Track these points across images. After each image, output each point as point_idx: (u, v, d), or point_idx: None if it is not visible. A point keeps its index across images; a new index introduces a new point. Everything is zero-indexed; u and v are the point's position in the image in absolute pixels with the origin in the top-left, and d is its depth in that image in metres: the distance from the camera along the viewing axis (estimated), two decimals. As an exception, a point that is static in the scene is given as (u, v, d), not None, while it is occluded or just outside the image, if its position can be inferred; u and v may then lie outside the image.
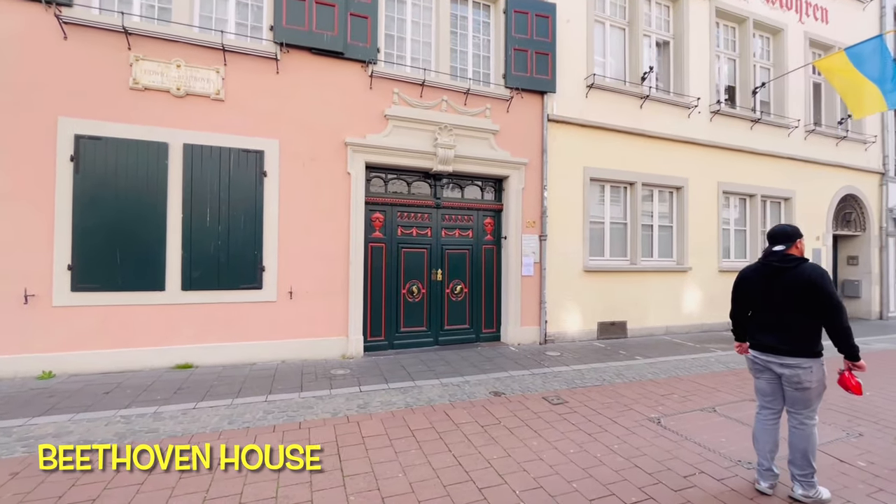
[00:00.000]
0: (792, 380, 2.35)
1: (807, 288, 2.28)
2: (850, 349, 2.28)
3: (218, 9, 5.08)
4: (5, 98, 4.15)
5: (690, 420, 3.55)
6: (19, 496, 2.29)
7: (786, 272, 2.38)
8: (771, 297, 2.43)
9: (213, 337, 4.81)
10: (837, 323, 2.25)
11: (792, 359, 2.34)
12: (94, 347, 4.39)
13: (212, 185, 4.81)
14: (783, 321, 2.38)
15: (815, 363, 2.31)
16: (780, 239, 2.48)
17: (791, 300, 2.34)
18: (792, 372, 2.34)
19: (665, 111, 7.44)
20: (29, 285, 4.20)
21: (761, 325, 2.50)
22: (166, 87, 4.64)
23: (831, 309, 2.24)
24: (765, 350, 2.47)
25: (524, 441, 3.09)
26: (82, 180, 4.37)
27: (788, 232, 2.49)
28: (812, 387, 2.32)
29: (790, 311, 2.35)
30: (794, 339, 2.35)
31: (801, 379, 2.32)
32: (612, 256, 7.16)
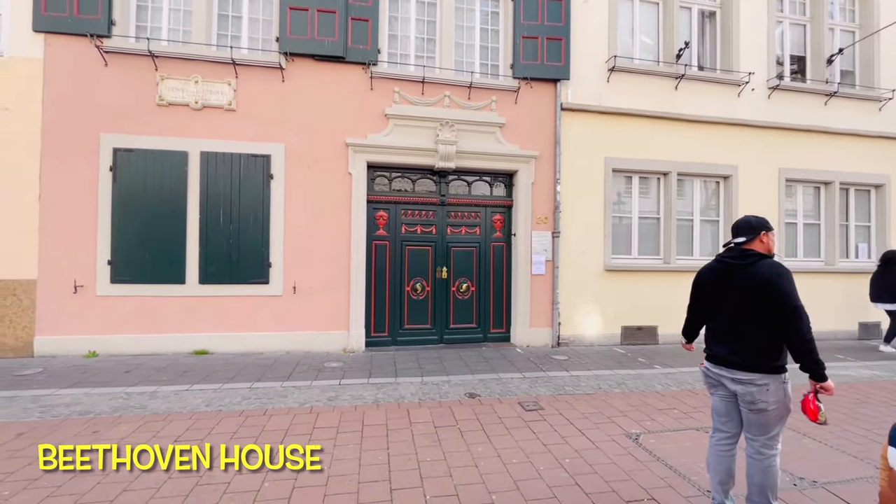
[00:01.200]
0: (745, 398, 1.99)
1: (761, 289, 1.92)
2: (814, 365, 1.87)
3: (233, 27, 5.54)
4: (57, 119, 4.93)
5: (676, 439, 3.13)
6: (11, 452, 2.72)
7: (740, 270, 2.03)
8: (723, 299, 2.10)
9: (227, 327, 5.27)
10: (795, 332, 1.86)
11: (745, 373, 1.97)
12: (128, 332, 5.05)
13: (224, 188, 5.26)
14: (737, 329, 2.03)
15: (773, 380, 1.93)
16: (742, 230, 2.13)
17: (746, 303, 1.98)
18: (745, 389, 1.98)
19: (707, 91, 6.59)
20: (78, 277, 4.95)
21: (714, 333, 2.17)
22: (186, 101, 5.18)
23: (788, 314, 1.86)
24: (717, 362, 2.12)
25: (470, 446, 2.95)
26: (118, 187, 5.05)
27: (752, 223, 2.12)
28: (769, 409, 1.94)
29: (744, 316, 1.99)
30: (747, 349, 1.98)
31: (755, 398, 1.95)
32: (641, 255, 6.53)
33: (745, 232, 2.11)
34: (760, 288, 1.93)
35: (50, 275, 4.91)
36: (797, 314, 1.85)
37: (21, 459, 2.64)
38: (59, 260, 4.93)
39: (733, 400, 2.09)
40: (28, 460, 2.61)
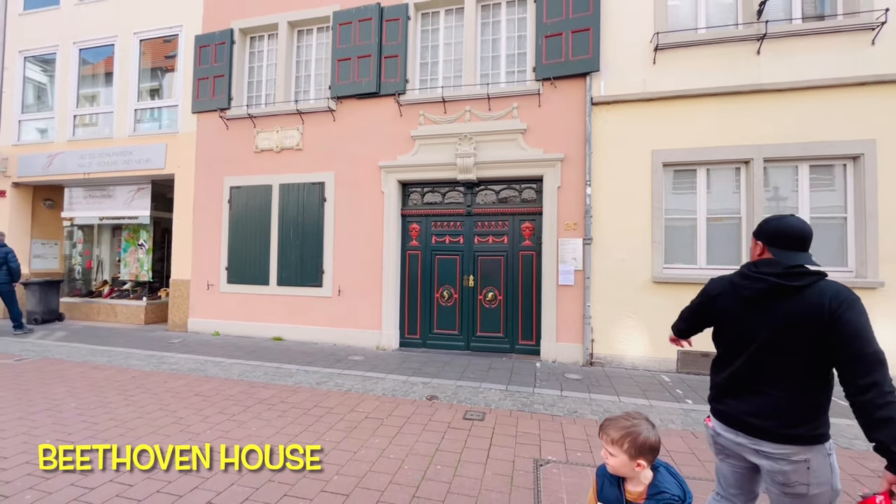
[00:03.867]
0: (777, 479, 1.42)
1: (825, 322, 1.33)
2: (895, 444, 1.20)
3: (304, 84, 7.05)
4: (203, 169, 7.21)
5: (593, 475, 2.72)
6: (145, 386, 4.34)
7: (789, 295, 1.41)
8: (753, 334, 1.47)
9: (294, 320, 6.66)
10: (873, 386, 1.24)
11: (776, 446, 1.40)
12: (235, 320, 6.93)
13: (294, 211, 6.72)
14: (768, 379, 1.45)
15: (815, 454, 1.38)
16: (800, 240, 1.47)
17: (793, 344, 1.39)
18: (776, 466, 1.41)
19: (813, 47, 4.98)
20: (210, 279, 7.10)
21: (731, 381, 1.54)
22: (271, 147, 6.86)
23: (865, 360, 1.27)
24: (733, 424, 1.52)
25: (351, 435, 3.23)
26: (232, 215, 7.03)
27: (809, 233, 1.49)
28: (811, 493, 1.38)
29: (787, 363, 1.41)
30: (784, 412, 1.40)
31: (789, 479, 1.39)
32: (711, 264, 5.31)
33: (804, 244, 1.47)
34: (822, 323, 1.34)
35: (197, 276, 7.19)
36: (878, 364, 1.26)
37: (154, 391, 4.20)
38: (201, 266, 7.17)
39: (749, 472, 1.55)
40: (155, 395, 4.15)
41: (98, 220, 8.47)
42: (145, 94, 7.94)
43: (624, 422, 1.35)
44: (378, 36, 6.32)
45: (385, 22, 6.34)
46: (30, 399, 3.90)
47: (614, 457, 1.33)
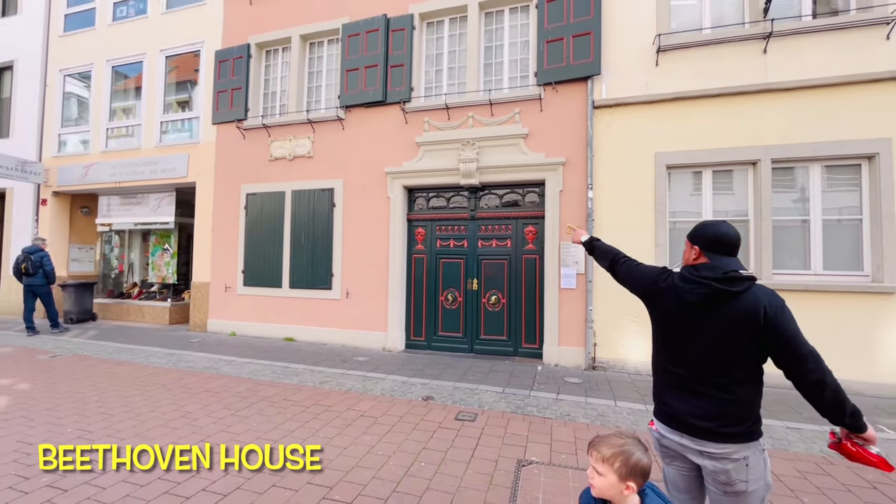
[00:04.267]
0: (718, 478, 1.46)
1: (762, 326, 1.39)
2: (851, 419, 1.35)
3: (317, 94, 7.32)
4: (221, 177, 7.58)
5: (574, 477, 2.75)
6: (163, 382, 4.64)
7: (729, 300, 1.45)
8: (695, 337, 1.51)
9: (305, 321, 6.90)
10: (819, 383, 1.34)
11: (719, 445, 1.44)
12: (251, 321, 7.24)
13: (305, 216, 6.98)
14: (710, 380, 1.48)
15: (752, 451, 1.43)
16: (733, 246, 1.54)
17: (732, 347, 1.44)
18: (719, 466, 1.45)
19: (823, 45, 4.83)
20: (227, 281, 7.44)
21: (675, 381, 1.57)
22: (284, 155, 7.16)
23: (806, 360, 1.36)
24: (677, 426, 1.54)
25: (344, 432, 3.37)
26: (248, 220, 7.36)
27: (738, 238, 1.56)
28: (749, 489, 1.44)
29: (725, 364, 1.45)
30: (726, 412, 1.45)
31: (731, 478, 1.43)
32: (718, 267, 5.19)
33: (735, 249, 1.54)
34: (758, 326, 1.39)
35: (215, 279, 7.55)
36: (816, 361, 1.35)
37: (169, 387, 4.50)
38: (219, 269, 7.53)
39: (697, 473, 1.56)
40: (169, 390, 4.44)
41: (133, 225, 9.03)
42: (171, 108, 8.42)
43: (616, 440, 1.26)
44: (384, 46, 6.51)
45: (391, 32, 6.53)
46: (57, 392, 4.24)
47: (602, 476, 1.23)
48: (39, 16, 9.39)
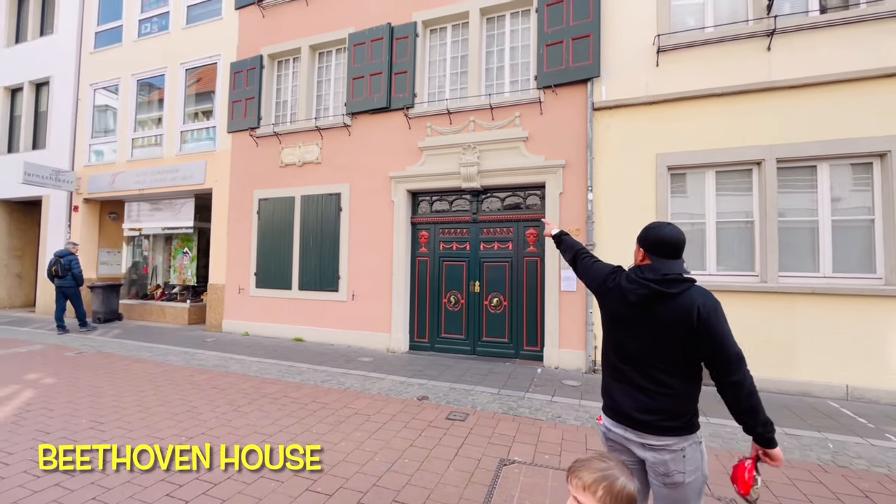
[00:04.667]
0: (658, 469, 1.51)
1: (694, 327, 1.43)
2: (761, 428, 1.40)
3: (325, 102, 7.55)
4: (236, 183, 7.90)
5: (553, 477, 2.79)
6: (173, 377, 4.91)
7: (667, 301, 1.50)
8: (638, 336, 1.56)
9: (313, 322, 7.10)
10: (735, 384, 1.39)
11: (659, 438, 1.49)
12: (262, 321, 7.50)
13: (313, 220, 7.20)
14: (651, 376, 1.53)
15: (689, 444, 1.49)
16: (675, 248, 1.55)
17: (668, 345, 1.49)
18: (658, 457, 1.50)
19: (830, 39, 4.69)
20: (241, 284, 7.74)
21: (620, 379, 1.62)
22: (294, 161, 7.41)
23: (730, 361, 1.41)
24: (621, 419, 1.59)
25: (336, 428, 3.48)
26: (260, 224, 7.64)
27: (683, 242, 1.57)
28: (686, 480, 1.48)
29: (663, 361, 1.51)
30: (664, 406, 1.50)
31: (669, 469, 1.49)
32: (722, 270, 5.10)
33: (678, 252, 1.56)
34: (692, 326, 1.44)
35: (230, 281, 7.87)
36: (739, 363, 1.41)
37: (179, 383, 4.76)
38: (234, 272, 7.84)
39: (641, 468, 1.58)
40: (178, 387, 4.70)
41: (157, 229, 9.50)
42: (193, 117, 8.83)
43: (598, 463, 1.11)
44: (389, 54, 6.68)
45: (395, 40, 6.69)
46: (78, 386, 4.53)
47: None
48: (72, 34, 10.03)
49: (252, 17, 8.00)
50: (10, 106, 11.02)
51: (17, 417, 3.65)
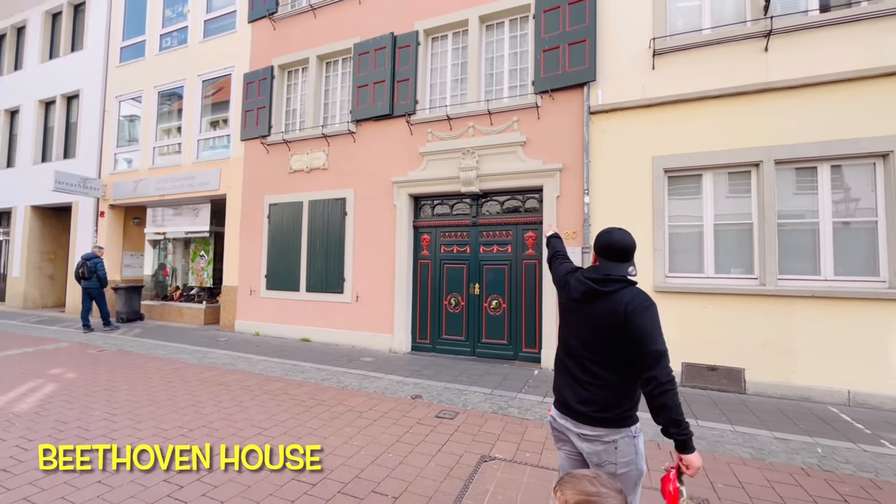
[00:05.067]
0: (592, 459, 1.60)
1: (621, 323, 1.51)
2: (675, 428, 1.42)
3: (332, 110, 7.80)
4: (248, 189, 8.23)
5: (530, 474, 2.87)
6: (184, 374, 5.19)
7: (600, 298, 1.60)
8: (578, 331, 1.67)
9: (320, 323, 7.33)
10: (650, 379, 1.43)
11: (590, 428, 1.58)
12: (272, 322, 7.78)
13: (320, 224, 7.44)
14: (587, 368, 1.62)
15: (622, 436, 1.56)
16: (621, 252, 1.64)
17: (601, 341, 1.58)
18: (591, 448, 1.59)
19: (829, 39, 4.63)
20: (252, 285, 8.05)
21: (566, 372, 1.71)
22: (302, 167, 7.68)
23: (647, 357, 1.45)
24: (563, 411, 1.68)
25: (329, 424, 3.63)
26: (270, 229, 7.94)
27: (630, 246, 1.65)
28: (618, 472, 1.55)
29: (597, 357, 1.60)
30: (597, 399, 1.58)
31: (601, 459, 1.57)
32: (720, 272, 5.07)
33: (626, 256, 1.64)
34: (619, 321, 1.51)
35: (242, 283, 8.19)
36: (658, 359, 1.44)
37: (188, 380, 5.04)
38: (246, 274, 8.16)
39: (581, 458, 1.66)
40: (188, 383, 4.98)
41: (175, 233, 9.96)
42: (213, 125, 9.23)
43: (588, 485, 1.04)
44: (391, 63, 6.87)
45: (398, 49, 6.88)
46: (96, 381, 4.84)
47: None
48: (100, 49, 10.63)
49: (264, 29, 8.34)
50: (45, 118, 11.74)
51: (40, 409, 3.95)
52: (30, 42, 12.09)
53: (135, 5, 10.30)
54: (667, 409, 1.41)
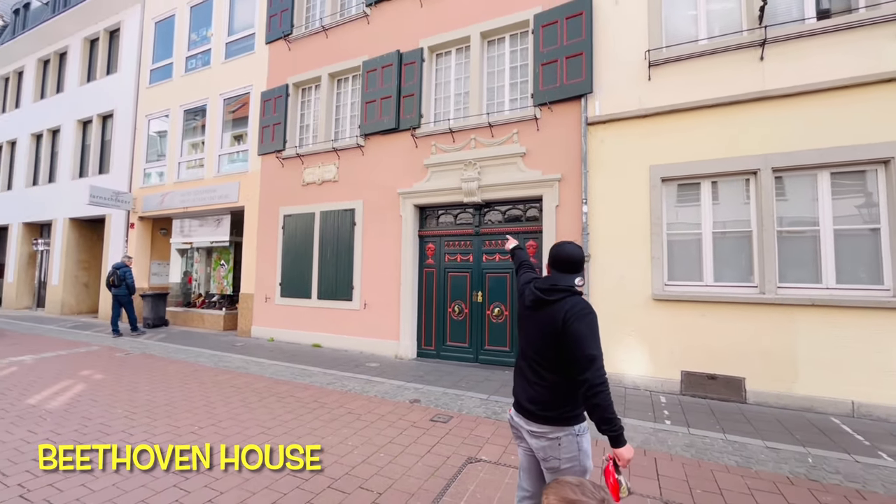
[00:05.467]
0: (539, 455, 1.75)
1: (560, 329, 1.66)
2: (605, 425, 1.56)
3: (343, 125, 8.15)
4: (265, 201, 8.65)
5: (512, 475, 2.99)
6: (199, 377, 5.53)
7: (547, 306, 1.76)
8: (528, 335, 1.84)
9: (330, 329, 7.60)
10: (583, 381, 1.56)
11: (537, 425, 1.73)
12: (285, 328, 8.11)
13: (330, 234, 7.75)
14: (535, 370, 1.78)
15: (565, 434, 1.69)
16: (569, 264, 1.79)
17: (545, 346, 1.74)
18: (538, 443, 1.73)
19: (827, 46, 4.62)
20: (267, 293, 8.41)
21: (520, 371, 1.88)
22: (314, 180, 8.03)
23: (581, 360, 1.58)
24: (517, 408, 1.85)
25: (328, 425, 3.83)
26: (284, 239, 8.31)
27: (577, 258, 1.80)
28: (561, 467, 1.69)
29: (542, 360, 1.76)
30: (543, 398, 1.73)
31: (546, 454, 1.72)
32: (719, 281, 5.06)
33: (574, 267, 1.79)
34: (559, 327, 1.66)
35: (258, 291, 8.57)
36: (589, 362, 1.57)
37: (203, 381, 5.38)
38: (261, 282, 8.54)
39: (534, 455, 1.81)
40: (202, 384, 5.31)
41: (200, 243, 10.50)
42: (232, 141, 9.75)
43: (569, 493, 1.07)
44: (397, 79, 7.16)
45: (403, 66, 7.17)
46: (120, 382, 5.21)
47: None
48: (132, 72, 11.40)
49: (280, 50, 8.81)
50: (82, 136, 12.61)
51: (69, 406, 4.31)
52: (70, 66, 13.05)
53: (164, 30, 11.02)
54: (599, 409, 1.54)
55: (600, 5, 5.73)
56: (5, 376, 5.41)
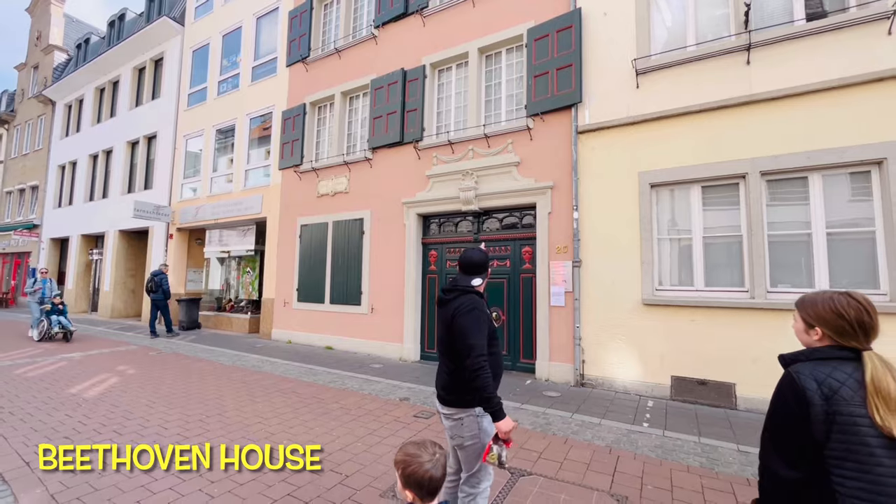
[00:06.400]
0: (449, 433, 2.02)
1: (450, 322, 1.94)
2: (484, 403, 1.82)
3: (354, 140, 8.66)
4: (284, 212, 9.28)
5: (468, 465, 3.20)
6: (220, 375, 6.09)
7: (446, 304, 2.03)
8: (439, 328, 2.09)
9: (341, 333, 8.04)
10: (466, 367, 1.82)
11: (445, 407, 2.01)
12: (301, 331, 8.63)
13: (342, 243, 8.22)
14: (442, 360, 2.07)
15: (466, 415, 1.94)
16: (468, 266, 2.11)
17: (445, 335, 2.00)
18: (447, 423, 2.01)
19: (814, 48, 4.58)
20: (285, 298, 8.99)
21: (438, 361, 2.16)
22: (327, 192, 8.56)
23: (463, 349, 1.85)
24: (436, 395, 2.11)
25: (318, 418, 4.16)
26: (301, 247, 8.88)
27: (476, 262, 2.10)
28: (466, 444, 1.96)
29: (445, 348, 2.02)
30: (447, 384, 2.00)
31: (453, 433, 1.99)
32: (710, 285, 5.04)
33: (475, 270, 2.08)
34: (448, 323, 1.94)
35: (278, 296, 9.17)
36: (468, 351, 1.82)
37: (219, 377, 5.93)
38: (280, 288, 9.14)
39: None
40: (218, 380, 5.86)
41: (229, 252, 11.33)
42: (255, 158, 10.53)
43: (412, 448, 1.32)
44: (402, 95, 7.57)
45: (407, 83, 7.58)
46: (149, 377, 5.82)
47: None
48: (173, 96, 12.53)
49: (298, 72, 9.48)
50: (131, 156, 13.93)
51: (102, 395, 4.91)
52: (122, 93, 14.48)
53: (199, 58, 12.08)
54: (479, 390, 1.80)
55: (589, 17, 5.89)
56: (55, 370, 6.17)
